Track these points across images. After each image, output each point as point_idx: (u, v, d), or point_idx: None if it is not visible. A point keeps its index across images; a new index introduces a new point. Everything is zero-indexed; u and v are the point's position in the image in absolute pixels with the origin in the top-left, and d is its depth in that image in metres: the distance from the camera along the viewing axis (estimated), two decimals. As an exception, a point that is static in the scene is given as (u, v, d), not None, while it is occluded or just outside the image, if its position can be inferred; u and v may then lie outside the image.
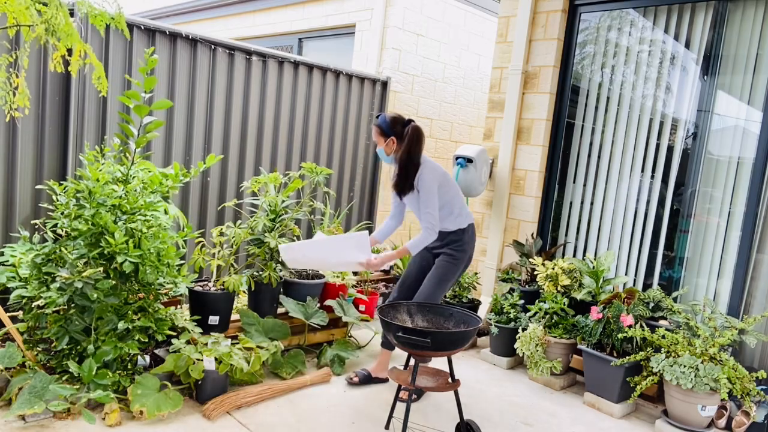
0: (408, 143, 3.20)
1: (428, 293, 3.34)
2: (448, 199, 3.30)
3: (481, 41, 6.66)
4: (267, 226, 3.63)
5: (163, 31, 3.94)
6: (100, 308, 2.90)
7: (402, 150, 3.22)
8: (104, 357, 2.85)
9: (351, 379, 3.54)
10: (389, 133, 3.25)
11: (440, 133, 6.37)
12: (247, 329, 3.49)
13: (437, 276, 3.37)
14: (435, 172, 3.23)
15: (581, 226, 4.49)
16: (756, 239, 3.62)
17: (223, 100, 4.35)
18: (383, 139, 3.28)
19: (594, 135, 4.45)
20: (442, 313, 2.97)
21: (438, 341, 2.63)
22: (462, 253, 3.39)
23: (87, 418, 2.62)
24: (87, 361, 2.82)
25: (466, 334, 2.69)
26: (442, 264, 3.39)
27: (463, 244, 3.39)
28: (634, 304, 3.61)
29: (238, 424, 2.92)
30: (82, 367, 2.81)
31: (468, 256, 3.44)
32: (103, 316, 2.92)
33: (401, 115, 3.34)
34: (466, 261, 3.44)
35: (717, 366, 3.16)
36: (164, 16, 8.73)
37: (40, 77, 3.48)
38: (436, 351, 2.66)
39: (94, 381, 2.80)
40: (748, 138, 3.70)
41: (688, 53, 4.01)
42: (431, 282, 3.37)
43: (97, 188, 2.93)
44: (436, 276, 3.37)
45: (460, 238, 3.38)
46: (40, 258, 2.97)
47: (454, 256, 3.38)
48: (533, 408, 3.49)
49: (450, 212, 3.33)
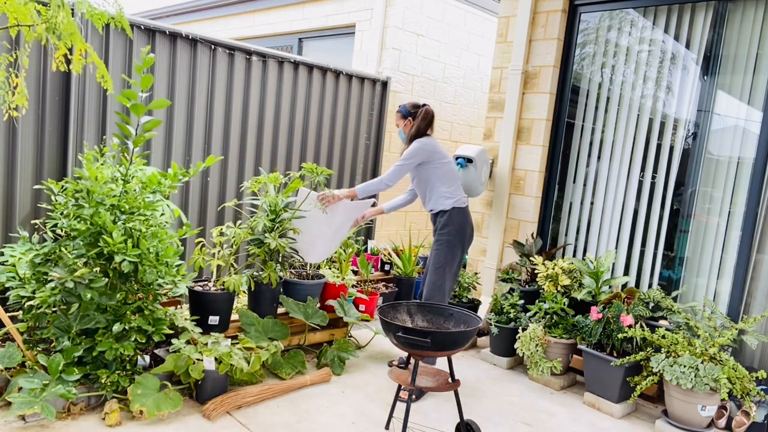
0: (418, 120, 3.63)
1: (428, 281, 3.62)
2: (426, 176, 3.61)
3: (481, 41, 6.66)
4: (267, 226, 3.63)
5: (163, 31, 3.94)
6: (84, 306, 2.87)
7: (413, 125, 3.64)
8: (74, 353, 2.80)
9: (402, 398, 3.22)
10: (407, 115, 3.67)
11: (440, 133, 6.37)
12: (247, 329, 3.49)
13: (432, 263, 3.63)
14: (427, 146, 3.56)
15: (581, 226, 4.49)
16: (756, 239, 3.62)
17: (223, 100, 4.35)
18: (403, 121, 3.70)
19: (594, 135, 4.45)
20: (442, 313, 2.97)
21: (438, 341, 2.63)
22: (449, 236, 3.57)
23: (46, 412, 2.58)
24: (55, 356, 2.78)
25: (466, 334, 2.69)
26: (434, 250, 3.64)
27: (448, 227, 3.57)
28: (634, 304, 3.61)
29: (238, 424, 2.92)
30: (49, 361, 2.75)
31: (459, 240, 3.59)
32: (88, 314, 2.90)
33: (418, 101, 3.88)
34: (459, 244, 3.59)
35: (717, 366, 3.16)
36: (164, 16, 8.73)
37: (40, 77, 3.48)
38: (436, 351, 2.66)
39: (60, 377, 2.74)
40: (748, 138, 3.70)
41: (688, 53, 4.01)
42: (428, 270, 3.66)
43: (96, 187, 2.93)
44: (431, 263, 3.64)
45: (445, 223, 3.59)
46: (39, 258, 2.97)
47: (440, 241, 3.61)
48: (533, 408, 3.49)
49: (432, 189, 3.61)
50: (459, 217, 3.59)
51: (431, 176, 3.60)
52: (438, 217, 3.63)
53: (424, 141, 3.57)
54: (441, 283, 3.56)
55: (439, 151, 3.59)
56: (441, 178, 3.59)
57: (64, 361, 2.78)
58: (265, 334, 3.53)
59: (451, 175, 3.63)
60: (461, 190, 3.69)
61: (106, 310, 2.97)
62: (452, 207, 3.58)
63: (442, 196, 3.59)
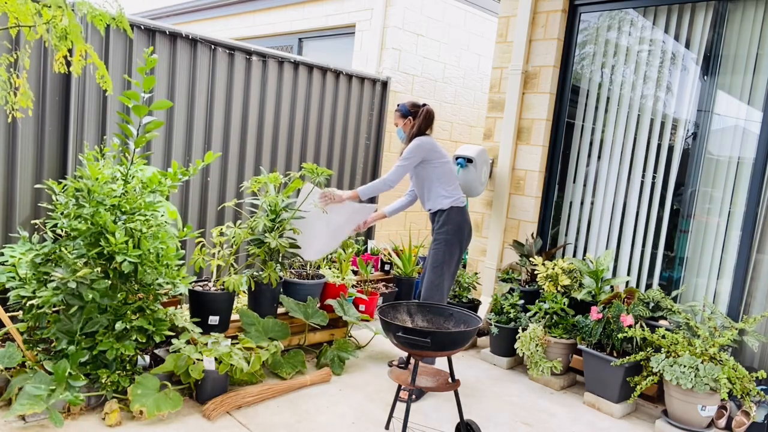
0: (419, 119, 3.64)
1: (426, 280, 3.64)
2: (424, 175, 3.62)
3: (481, 41, 6.66)
4: (267, 226, 3.63)
5: (163, 31, 3.94)
6: (87, 309, 2.88)
7: (413, 125, 3.65)
8: (80, 358, 2.80)
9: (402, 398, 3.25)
10: (407, 114, 3.67)
11: (440, 133, 6.37)
12: (247, 329, 3.49)
13: (430, 262, 3.64)
14: (426, 144, 3.57)
15: (581, 226, 4.49)
16: (756, 239, 3.62)
17: (223, 100, 4.35)
18: (402, 120, 3.70)
19: (594, 135, 4.45)
20: (442, 313, 2.97)
21: (438, 341, 2.64)
22: (447, 235, 3.58)
23: (54, 420, 2.59)
24: (62, 362, 2.77)
25: (466, 334, 2.70)
26: (432, 249, 3.66)
27: (446, 227, 3.59)
28: (634, 304, 3.61)
29: (238, 424, 2.92)
30: (55, 367, 2.76)
31: (457, 239, 3.59)
32: (91, 317, 2.90)
33: (417, 100, 3.98)
34: (457, 244, 3.60)
35: (717, 366, 3.16)
36: (164, 16, 8.73)
37: (40, 77, 3.48)
38: (436, 351, 2.66)
39: (67, 382, 2.75)
40: (748, 138, 3.70)
41: (688, 53, 4.01)
42: (426, 269, 3.67)
43: (96, 187, 2.93)
44: (429, 262, 3.65)
45: (443, 222, 3.59)
46: (39, 258, 2.97)
47: (438, 240, 3.62)
48: (533, 408, 3.49)
49: (430, 189, 3.63)
50: (457, 216, 3.59)
51: (430, 175, 3.60)
52: (436, 217, 3.64)
53: (423, 139, 3.58)
54: (439, 282, 3.57)
55: (438, 150, 3.61)
56: (440, 178, 3.60)
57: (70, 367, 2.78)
58: (265, 334, 3.53)
59: (449, 174, 3.63)
60: (460, 190, 3.69)
61: (106, 310, 2.97)
62: (450, 206, 3.59)
63: (441, 196, 3.60)
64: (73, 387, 2.74)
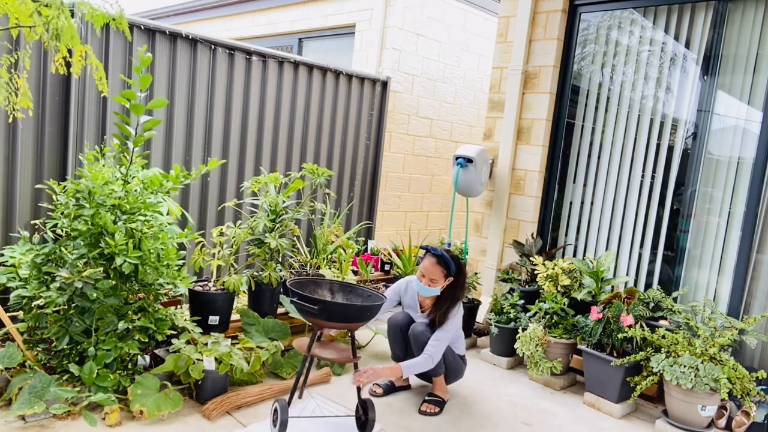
0: (462, 288, 3.25)
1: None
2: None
3: (481, 41, 6.66)
4: (267, 226, 3.64)
5: (163, 31, 3.94)
6: (100, 309, 2.90)
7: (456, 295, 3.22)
8: (105, 359, 2.85)
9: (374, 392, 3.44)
10: (453, 274, 3.19)
11: (440, 133, 6.38)
12: (247, 329, 3.49)
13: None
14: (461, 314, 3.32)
15: (581, 226, 4.49)
16: (756, 239, 3.62)
17: (223, 100, 4.35)
18: (444, 279, 3.18)
19: (594, 135, 4.45)
20: (361, 294, 3.00)
21: (329, 311, 2.66)
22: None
23: (89, 420, 2.61)
24: (88, 363, 2.81)
25: (358, 308, 2.73)
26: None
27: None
28: (634, 304, 3.61)
29: (238, 424, 2.92)
30: (83, 369, 2.80)
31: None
32: (103, 317, 2.92)
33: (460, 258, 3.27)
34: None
35: (717, 366, 3.16)
36: (164, 16, 8.73)
37: (40, 78, 3.48)
38: (329, 321, 2.69)
39: (95, 383, 2.80)
40: (748, 138, 3.70)
41: (689, 53, 4.01)
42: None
43: (97, 188, 2.93)
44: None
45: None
46: (40, 258, 2.97)
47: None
48: (533, 408, 3.49)
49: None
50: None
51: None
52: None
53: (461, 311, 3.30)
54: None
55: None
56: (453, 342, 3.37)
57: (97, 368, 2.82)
58: (265, 334, 3.53)
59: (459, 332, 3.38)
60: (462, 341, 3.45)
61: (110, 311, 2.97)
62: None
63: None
64: (103, 387, 2.79)
